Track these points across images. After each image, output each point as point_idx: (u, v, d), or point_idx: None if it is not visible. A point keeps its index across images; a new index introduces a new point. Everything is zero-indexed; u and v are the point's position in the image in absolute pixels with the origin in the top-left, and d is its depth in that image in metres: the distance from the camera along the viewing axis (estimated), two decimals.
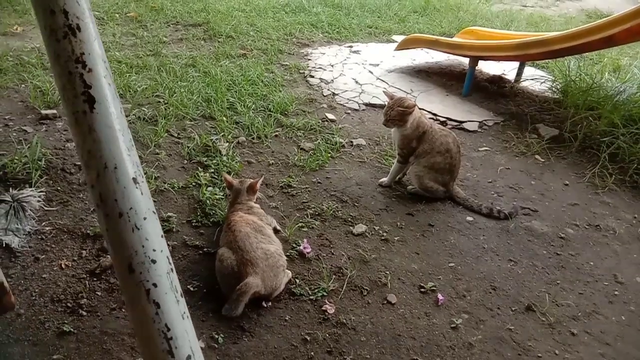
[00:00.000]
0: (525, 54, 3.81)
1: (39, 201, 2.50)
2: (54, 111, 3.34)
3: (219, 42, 5.19)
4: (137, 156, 0.81)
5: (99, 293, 2.14)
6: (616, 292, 2.39)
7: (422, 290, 2.31)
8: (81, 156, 0.77)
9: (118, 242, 0.76)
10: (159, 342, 0.75)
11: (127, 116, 3.37)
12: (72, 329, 1.94)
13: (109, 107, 0.77)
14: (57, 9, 0.74)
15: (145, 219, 0.77)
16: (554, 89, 4.35)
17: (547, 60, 4.97)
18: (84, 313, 2.03)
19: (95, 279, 2.20)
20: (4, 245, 2.27)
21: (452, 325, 2.13)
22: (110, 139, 0.76)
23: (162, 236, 0.80)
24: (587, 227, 2.85)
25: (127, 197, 0.76)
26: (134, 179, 0.78)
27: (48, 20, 0.75)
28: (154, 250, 0.77)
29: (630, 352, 2.07)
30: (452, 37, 5.29)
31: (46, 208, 2.53)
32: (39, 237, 2.38)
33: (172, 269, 0.80)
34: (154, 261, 0.77)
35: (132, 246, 0.76)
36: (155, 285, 0.76)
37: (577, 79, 4.11)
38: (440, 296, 2.25)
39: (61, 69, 0.76)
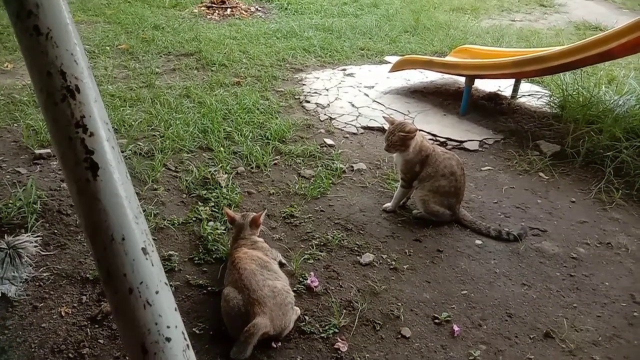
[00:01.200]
0: (522, 71, 3.80)
1: (35, 246, 2.42)
2: (48, 150, 3.27)
3: (212, 70, 5.16)
4: (146, 223, 0.75)
5: (101, 341, 2.05)
6: (635, 314, 2.33)
7: (437, 321, 2.23)
8: (85, 228, 0.70)
9: (129, 321, 0.69)
10: None
11: (123, 151, 3.32)
12: None
13: (113, 173, 0.71)
14: (54, 70, 0.69)
15: (157, 292, 0.71)
16: (551, 104, 4.33)
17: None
18: None
19: (97, 325, 2.12)
20: (0, 294, 2.19)
21: (470, 358, 2.05)
22: (116, 207, 0.70)
23: (175, 309, 0.74)
24: (598, 245, 2.79)
25: (137, 270, 0.70)
26: (144, 249, 0.71)
27: (44, 82, 0.69)
28: (168, 327, 0.71)
29: None
30: (444, 56, 5.29)
31: (43, 253, 2.45)
32: (37, 284, 2.30)
33: (188, 345, 0.73)
34: (168, 339, 0.70)
35: (144, 325, 0.69)
36: None
37: (574, 92, 4.09)
38: (455, 327, 2.18)
39: (60, 135, 0.70)
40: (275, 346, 2.05)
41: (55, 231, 2.59)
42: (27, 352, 1.97)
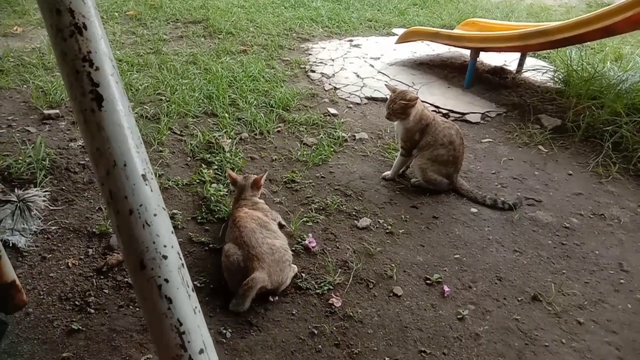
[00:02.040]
0: (527, 44, 3.80)
1: (44, 201, 2.51)
2: (57, 111, 3.35)
3: (219, 38, 5.19)
4: (146, 153, 0.81)
5: (106, 291, 2.15)
6: (622, 281, 2.40)
7: (428, 282, 2.31)
8: (90, 154, 0.77)
9: (129, 238, 0.77)
10: (172, 336, 0.76)
11: None
12: (80, 327, 1.95)
13: (116, 105, 0.77)
14: (63, 8, 0.75)
15: (155, 215, 0.78)
16: (555, 79, 4.33)
17: (548, 51, 4.96)
18: (92, 311, 2.04)
19: (102, 277, 2.21)
20: (11, 245, 2.28)
21: (459, 317, 2.13)
22: (118, 136, 0.76)
23: (172, 232, 0.81)
24: (591, 216, 2.85)
25: (137, 194, 0.76)
26: (143, 176, 0.78)
27: (54, 19, 0.75)
28: (165, 246, 0.78)
29: (637, 340, 2.07)
30: (452, 29, 5.28)
31: (51, 207, 2.54)
32: (45, 236, 2.39)
33: (182, 265, 0.81)
34: (165, 257, 0.77)
35: (143, 242, 0.76)
36: (166, 280, 0.77)
37: (579, 68, 4.10)
38: (446, 288, 2.26)
39: (68, 68, 0.76)
40: (272, 300, 2.14)
41: (63, 187, 2.68)
42: (37, 299, 2.07)
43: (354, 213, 2.75)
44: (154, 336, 0.79)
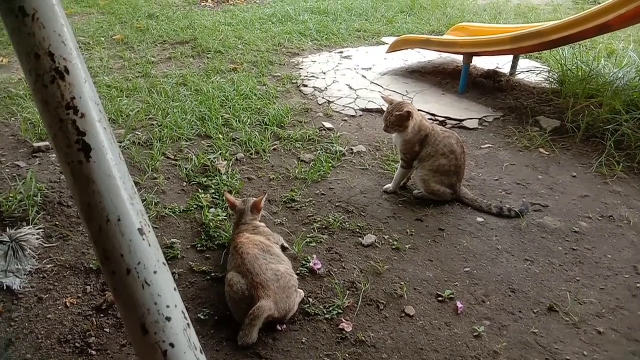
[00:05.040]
0: (521, 47, 3.76)
1: (38, 239, 2.42)
2: (47, 143, 3.27)
3: (208, 58, 5.13)
4: (142, 204, 0.74)
5: (107, 330, 2.06)
6: (638, 285, 2.33)
7: (440, 299, 2.24)
8: (80, 210, 0.70)
9: (128, 301, 0.69)
10: None
11: (121, 142, 3.31)
12: None
13: (106, 154, 0.70)
14: (42, 52, 0.68)
15: (155, 272, 0.70)
16: (550, 79, 4.30)
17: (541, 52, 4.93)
18: (94, 352, 1.95)
19: (102, 315, 2.13)
20: (5, 287, 2.20)
21: (475, 334, 2.06)
22: (110, 188, 0.69)
23: (175, 289, 0.73)
24: (600, 218, 2.79)
25: (134, 251, 0.69)
26: (140, 230, 0.71)
27: (33, 64, 0.68)
28: (168, 306, 0.70)
29: None
30: (442, 35, 5.25)
31: (46, 245, 2.46)
32: (41, 276, 2.30)
33: (188, 325, 0.73)
34: (168, 319, 0.70)
35: (143, 304, 0.69)
36: (172, 345, 0.69)
37: (573, 67, 4.06)
38: (459, 304, 2.18)
39: (51, 117, 0.69)
40: (280, 329, 2.06)
41: (57, 223, 2.59)
42: (35, 343, 1.99)
43: (358, 230, 2.68)
44: None
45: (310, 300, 2.22)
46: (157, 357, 0.69)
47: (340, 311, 2.15)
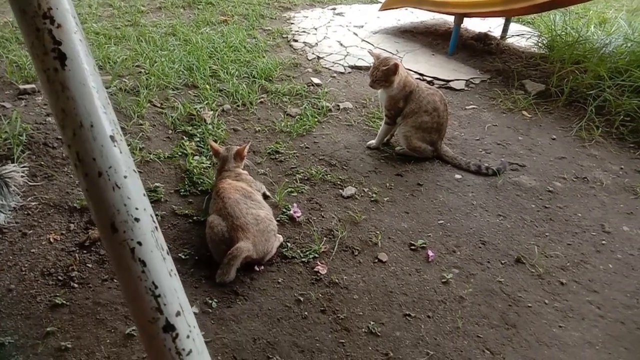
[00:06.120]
0: (511, 8, 3.76)
1: (22, 176, 2.45)
2: (33, 86, 3.26)
3: (198, 9, 5.07)
4: (114, 114, 0.78)
5: (89, 265, 2.13)
6: (603, 242, 2.43)
7: (413, 247, 2.33)
8: (55, 115, 0.74)
9: (99, 201, 0.74)
10: (147, 299, 0.75)
11: (107, 88, 3.31)
12: (64, 302, 1.94)
13: (81, 64, 0.74)
14: None
15: (125, 177, 0.75)
16: (539, 44, 4.31)
17: (532, 16, 4.92)
18: (76, 285, 2.02)
19: (85, 251, 2.19)
20: None
21: (443, 280, 2.15)
22: (84, 96, 0.73)
23: (144, 194, 0.78)
24: (574, 179, 2.87)
25: (106, 155, 0.74)
26: (112, 137, 0.75)
27: None
28: (137, 208, 0.76)
29: (617, 298, 2.11)
30: None
31: (30, 183, 2.49)
32: (25, 212, 2.35)
33: (156, 227, 0.79)
34: (137, 219, 0.75)
35: (113, 205, 0.74)
36: (140, 243, 0.75)
37: (562, 33, 4.07)
38: (430, 252, 2.27)
39: (28, 26, 0.72)
40: (258, 269, 2.14)
41: (42, 163, 2.63)
42: (18, 275, 2.05)
43: (338, 182, 2.74)
44: (129, 300, 0.78)
45: (289, 244, 2.29)
46: (125, 253, 0.74)
47: (317, 255, 2.24)
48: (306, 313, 1.96)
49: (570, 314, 2.03)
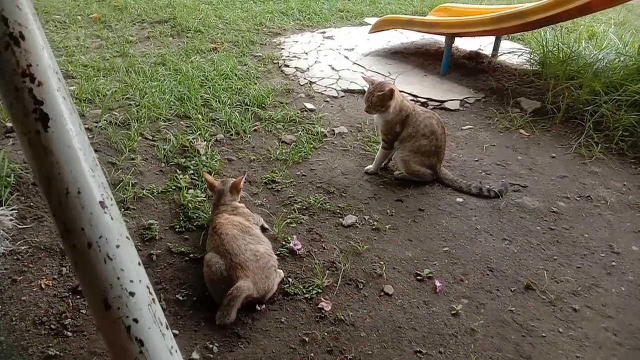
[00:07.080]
0: (502, 28, 3.75)
1: (11, 220, 2.37)
2: None
3: (187, 37, 5.04)
4: (104, 177, 0.71)
5: (83, 311, 2.03)
6: (614, 263, 2.36)
7: (419, 278, 2.25)
8: (39, 183, 0.67)
9: (90, 276, 0.67)
10: None
11: (97, 122, 3.24)
12: (58, 352, 1.84)
13: (65, 125, 0.67)
14: None
15: (118, 247, 0.68)
16: (532, 61, 4.31)
17: (523, 33, 4.93)
18: (70, 334, 1.92)
19: (78, 296, 2.09)
20: None
21: (453, 312, 2.07)
22: (70, 160, 0.66)
23: (139, 264, 0.71)
24: (578, 199, 2.82)
25: (96, 224, 0.67)
26: (102, 203, 0.68)
27: None
28: (132, 281, 0.68)
29: (633, 324, 2.04)
30: (425, 16, 5.21)
31: (20, 226, 2.40)
32: (15, 257, 2.26)
33: (154, 300, 0.71)
34: (132, 294, 0.68)
35: (106, 279, 0.67)
36: (136, 320, 0.67)
37: (554, 49, 4.07)
38: (437, 283, 2.20)
39: (7, 86, 0.65)
40: (259, 309, 2.05)
41: (32, 204, 2.54)
42: (9, 326, 1.95)
43: (338, 211, 2.67)
44: None
45: (290, 280, 2.21)
46: (120, 333, 0.67)
47: (320, 291, 2.15)
48: (312, 355, 1.87)
49: (587, 342, 1.95)
